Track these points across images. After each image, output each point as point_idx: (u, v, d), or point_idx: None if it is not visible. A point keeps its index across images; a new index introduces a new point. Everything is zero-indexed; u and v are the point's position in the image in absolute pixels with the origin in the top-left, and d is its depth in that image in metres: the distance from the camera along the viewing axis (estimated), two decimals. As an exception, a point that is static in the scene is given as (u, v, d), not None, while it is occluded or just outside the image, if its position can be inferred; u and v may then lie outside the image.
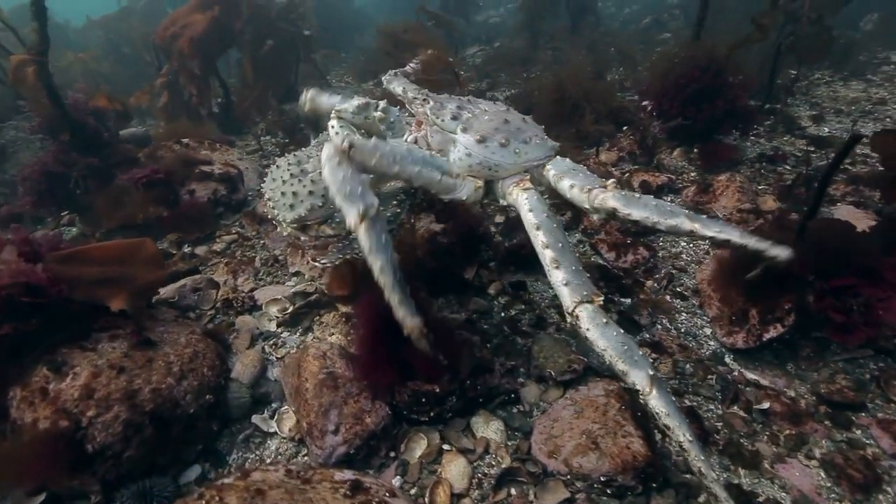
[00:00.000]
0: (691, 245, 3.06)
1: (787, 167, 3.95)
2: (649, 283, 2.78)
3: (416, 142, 2.07)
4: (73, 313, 1.97)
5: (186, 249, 3.60)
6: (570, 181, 1.82)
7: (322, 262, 2.76)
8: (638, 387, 1.49)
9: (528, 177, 1.94)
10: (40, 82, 3.77)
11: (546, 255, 1.71)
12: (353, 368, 1.98)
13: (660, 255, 2.98)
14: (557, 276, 1.66)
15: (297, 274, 3.13)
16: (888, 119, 5.03)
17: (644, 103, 4.56)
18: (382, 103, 2.32)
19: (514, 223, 3.30)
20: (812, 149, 4.32)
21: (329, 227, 2.49)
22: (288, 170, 2.47)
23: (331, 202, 1.59)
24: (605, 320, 1.57)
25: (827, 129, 4.90)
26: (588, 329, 1.57)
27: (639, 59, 6.94)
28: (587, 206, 1.78)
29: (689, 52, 4.15)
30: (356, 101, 2.34)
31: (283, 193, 2.42)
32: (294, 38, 7.70)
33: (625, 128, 4.46)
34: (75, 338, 1.92)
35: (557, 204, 3.19)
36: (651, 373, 1.50)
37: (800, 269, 2.27)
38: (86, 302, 2.04)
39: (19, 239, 2.07)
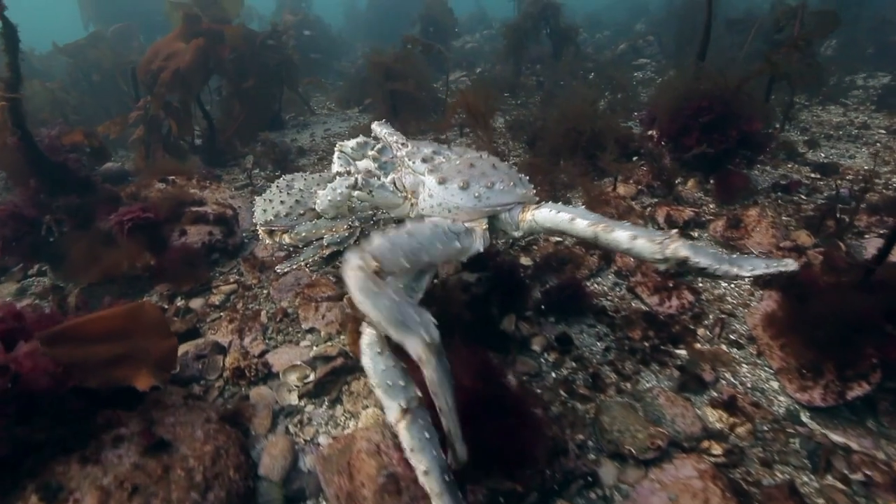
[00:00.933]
0: (733, 286, 2.88)
1: (803, 196, 3.88)
2: (700, 330, 2.57)
3: (393, 182, 2.10)
4: (68, 410, 1.60)
5: (180, 303, 3.20)
6: (629, 232, 1.65)
7: (282, 269, 2.70)
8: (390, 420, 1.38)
9: (485, 221, 1.94)
10: (12, 122, 3.34)
11: None
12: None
13: (703, 297, 2.80)
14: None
15: (311, 331, 2.79)
16: (878, 143, 5.11)
17: (650, 133, 4.46)
18: (379, 144, 2.34)
19: (544, 264, 3.07)
20: (818, 176, 4.30)
21: (288, 237, 2.61)
22: (279, 183, 2.82)
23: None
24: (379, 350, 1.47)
25: (823, 155, 4.93)
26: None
27: (626, 85, 6.93)
28: (658, 257, 1.62)
29: (697, 82, 4.08)
30: (357, 140, 2.55)
31: (265, 200, 2.74)
32: (279, 64, 7.40)
33: (635, 157, 4.34)
34: (70, 444, 1.54)
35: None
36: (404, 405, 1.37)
37: (874, 317, 2.10)
38: (85, 391, 1.67)
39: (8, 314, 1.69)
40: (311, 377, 2.38)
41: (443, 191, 1.93)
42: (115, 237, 3.49)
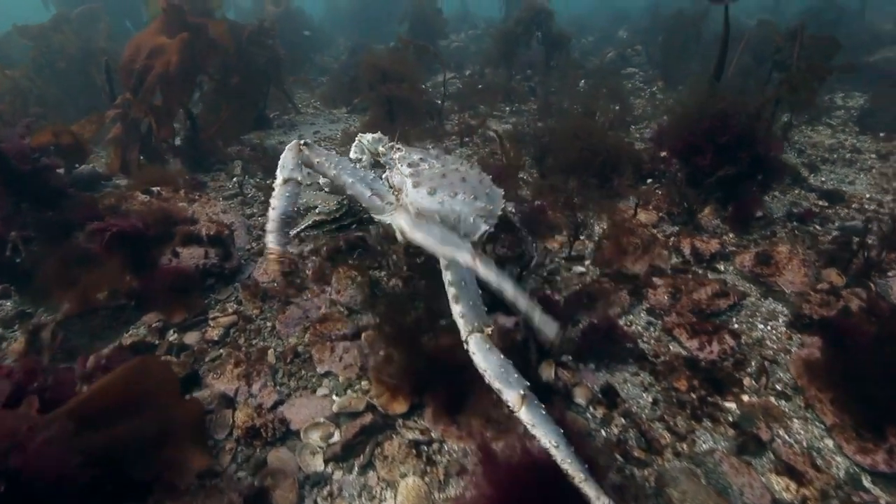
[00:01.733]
0: (769, 327, 2.77)
1: (817, 227, 3.83)
2: (746, 380, 2.44)
3: (386, 179, 2.39)
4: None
5: (173, 338, 2.85)
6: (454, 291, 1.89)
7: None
8: (509, 403, 1.64)
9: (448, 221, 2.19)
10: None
11: (449, 292, 1.89)
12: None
13: (743, 340, 2.67)
14: (456, 309, 1.85)
15: (328, 375, 2.51)
16: (873, 169, 5.17)
17: (663, 154, 4.34)
18: (390, 143, 2.76)
19: (574, 301, 2.88)
20: (825, 203, 4.28)
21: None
22: None
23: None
24: (488, 346, 1.75)
25: (824, 179, 4.94)
26: (474, 353, 1.74)
27: (622, 96, 6.81)
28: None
29: (712, 100, 3.96)
30: (374, 136, 2.95)
31: None
32: (267, 61, 6.95)
33: (649, 180, 4.21)
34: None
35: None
36: (522, 392, 1.63)
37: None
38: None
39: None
40: (337, 437, 2.11)
41: (415, 192, 2.21)
42: (93, 250, 3.10)
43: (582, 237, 3.61)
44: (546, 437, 1.54)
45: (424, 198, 2.16)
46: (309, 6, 15.78)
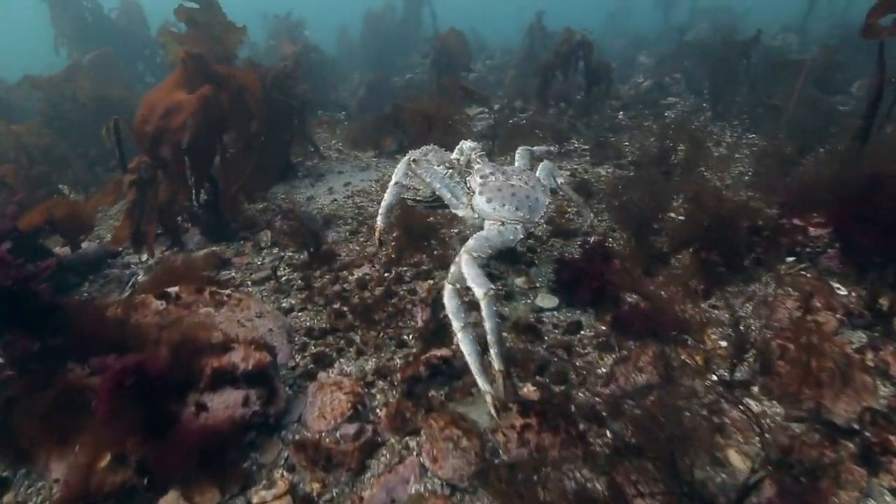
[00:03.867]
0: None
1: None
2: None
3: (466, 182, 3.13)
4: None
5: (203, 543, 1.93)
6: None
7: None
8: (477, 296, 2.27)
9: (501, 221, 2.91)
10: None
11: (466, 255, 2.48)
12: None
13: None
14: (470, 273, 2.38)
15: None
16: None
17: (798, 223, 3.43)
18: (479, 153, 3.36)
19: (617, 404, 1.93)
20: None
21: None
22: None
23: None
24: (475, 264, 2.43)
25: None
26: (463, 265, 2.43)
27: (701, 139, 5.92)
28: None
29: (873, 161, 3.06)
30: (473, 143, 3.44)
31: None
32: (292, 106, 6.16)
33: (790, 258, 3.29)
34: None
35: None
36: (485, 290, 2.26)
37: None
38: None
39: None
40: None
41: (478, 198, 2.96)
42: (92, 404, 2.20)
43: (724, 342, 2.69)
44: (490, 332, 2.22)
45: (483, 203, 2.93)
46: (321, 41, 15.19)
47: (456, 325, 2.25)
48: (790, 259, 3.27)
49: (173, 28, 7.11)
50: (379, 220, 3.24)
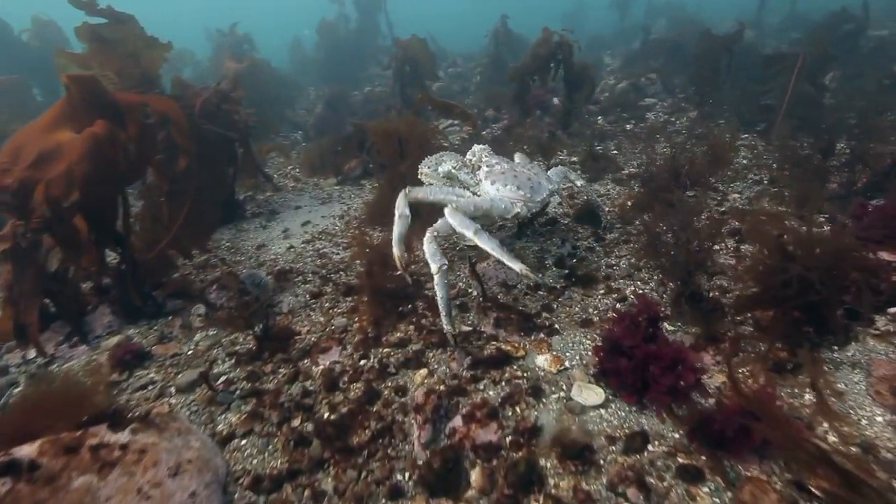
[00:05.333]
0: None
1: None
2: None
3: (475, 175, 3.39)
4: None
5: None
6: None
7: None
8: (468, 236, 2.69)
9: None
10: None
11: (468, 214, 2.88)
12: None
13: None
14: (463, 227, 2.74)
15: None
16: None
17: (887, 257, 2.63)
18: (486, 151, 3.55)
19: None
20: None
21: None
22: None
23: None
24: (459, 215, 2.80)
25: None
26: (450, 217, 2.78)
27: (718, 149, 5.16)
28: None
29: None
30: (483, 146, 3.59)
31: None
32: (229, 135, 5.05)
33: (892, 310, 2.48)
34: None
35: None
36: (475, 229, 2.69)
37: None
38: None
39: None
40: None
41: (484, 182, 3.26)
42: None
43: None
44: (491, 251, 2.60)
45: (489, 186, 3.22)
46: (273, 57, 13.90)
47: (433, 267, 2.63)
48: (892, 310, 2.47)
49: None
50: (395, 251, 3.13)
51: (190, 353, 3.08)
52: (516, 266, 2.50)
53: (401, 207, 3.14)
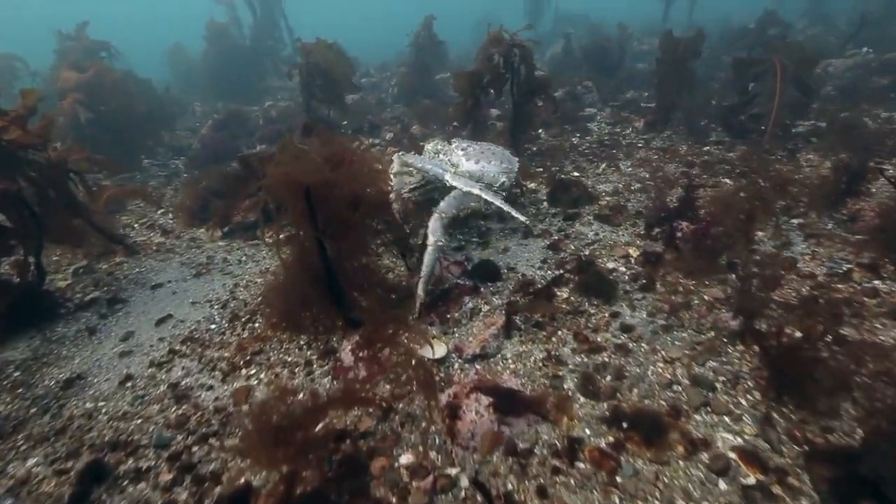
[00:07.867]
0: None
1: None
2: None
3: (447, 160, 3.53)
4: None
5: None
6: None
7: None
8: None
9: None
10: None
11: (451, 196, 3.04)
12: None
13: None
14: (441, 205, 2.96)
15: None
16: None
17: None
18: (452, 142, 3.74)
19: None
20: None
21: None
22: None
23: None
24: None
25: None
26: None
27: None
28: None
29: None
30: (436, 140, 3.84)
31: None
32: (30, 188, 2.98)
33: None
34: None
35: None
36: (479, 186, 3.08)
37: None
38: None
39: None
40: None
41: (467, 162, 3.39)
42: None
43: None
44: (498, 203, 2.93)
45: (472, 166, 3.38)
46: (148, 69, 11.04)
47: (431, 239, 2.72)
48: None
49: None
50: (421, 293, 2.76)
51: None
52: (520, 216, 2.90)
53: (437, 232, 2.77)
